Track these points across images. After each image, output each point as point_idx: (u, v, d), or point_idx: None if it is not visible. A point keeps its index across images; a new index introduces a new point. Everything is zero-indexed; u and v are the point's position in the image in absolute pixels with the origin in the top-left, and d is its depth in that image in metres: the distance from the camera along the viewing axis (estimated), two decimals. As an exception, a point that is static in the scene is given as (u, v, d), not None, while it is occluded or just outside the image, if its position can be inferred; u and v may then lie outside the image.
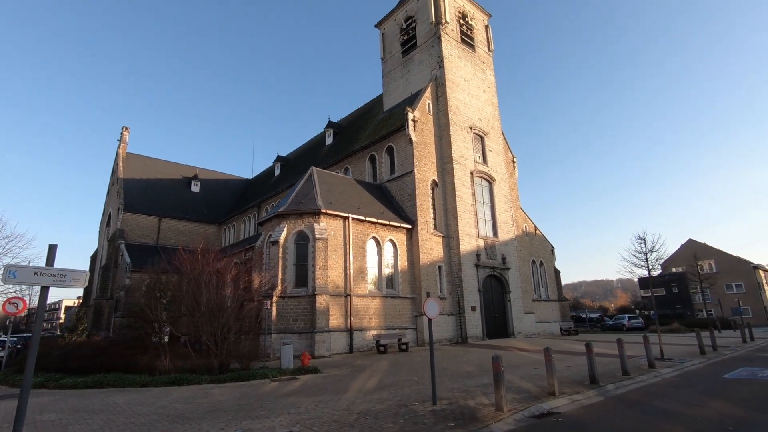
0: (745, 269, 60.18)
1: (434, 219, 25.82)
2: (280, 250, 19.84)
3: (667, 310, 62.53)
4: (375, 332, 21.04)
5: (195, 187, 49.79)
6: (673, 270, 66.86)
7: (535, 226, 34.63)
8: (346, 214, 21.15)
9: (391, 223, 23.15)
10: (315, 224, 20.19)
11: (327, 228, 20.41)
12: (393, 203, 25.78)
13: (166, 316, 14.47)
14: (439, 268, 24.78)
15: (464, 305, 24.44)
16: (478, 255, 26.06)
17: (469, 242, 25.85)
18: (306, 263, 19.98)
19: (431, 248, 24.52)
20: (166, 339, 16.42)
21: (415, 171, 25.12)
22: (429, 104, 27.63)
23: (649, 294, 67.22)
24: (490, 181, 29.18)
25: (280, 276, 19.50)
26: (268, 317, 18.75)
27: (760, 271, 61.69)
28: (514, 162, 33.77)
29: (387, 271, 22.89)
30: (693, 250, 63.96)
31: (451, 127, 27.20)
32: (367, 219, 22.05)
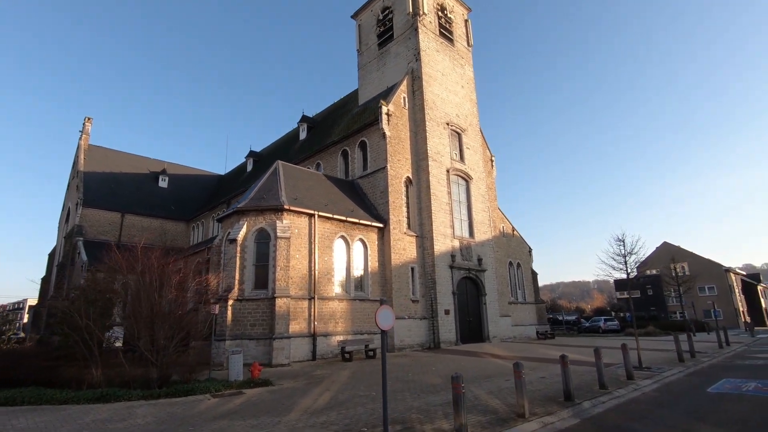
0: (718, 272, 61.03)
1: (408, 218, 24.63)
2: (238, 248, 18.31)
3: (642, 312, 62.94)
4: (341, 337, 19.71)
5: (163, 183, 47.50)
6: (648, 272, 67.50)
7: (513, 227, 33.84)
8: (311, 211, 19.76)
9: (362, 221, 21.85)
10: (277, 221, 18.74)
11: (290, 226, 18.98)
12: (365, 201, 24.49)
13: (98, 322, 12.88)
14: (412, 269, 23.60)
15: (437, 308, 23.32)
16: (453, 256, 24.99)
17: (443, 242, 24.75)
18: (267, 263, 18.51)
19: (404, 248, 23.32)
20: (118, 345, 14.77)
21: (388, 167, 23.88)
22: (404, 98, 26.43)
23: (626, 296, 67.75)
24: (466, 179, 28.17)
25: (237, 277, 17.98)
26: (222, 322, 17.25)
27: (732, 274, 62.70)
28: (492, 161, 32.89)
29: (356, 272, 21.59)
30: (667, 253, 64.64)
31: (427, 123, 26.06)
32: (335, 217, 20.70)
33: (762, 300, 68.17)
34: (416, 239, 24.25)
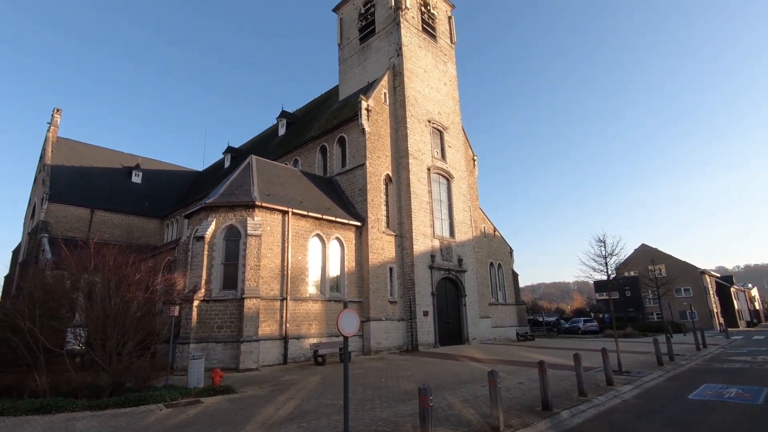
0: (693, 274, 62.11)
1: (387, 217, 23.96)
2: (206, 246, 17.35)
3: (620, 313, 63.66)
4: (315, 340, 18.93)
5: (136, 178, 45.76)
6: (626, 274, 68.37)
7: (494, 227, 33.51)
8: (285, 208, 18.91)
9: (338, 219, 21.09)
10: (248, 218, 17.84)
11: (262, 223, 18.11)
12: (342, 198, 23.73)
13: (45, 324, 11.84)
14: (390, 269, 22.94)
15: (416, 310, 22.71)
16: (432, 256, 24.43)
17: (423, 242, 24.16)
18: (236, 263, 17.59)
19: (382, 248, 22.64)
20: (74, 348, 13.68)
21: (367, 164, 23.17)
22: (385, 93, 25.76)
23: (605, 297, 68.45)
24: (448, 178, 27.65)
25: (204, 277, 17.03)
26: (186, 324, 16.29)
27: (707, 276, 63.91)
28: (474, 160, 32.49)
29: (332, 272, 20.81)
30: (646, 255, 65.52)
31: (408, 119, 25.44)
32: (311, 214, 19.89)
33: (735, 302, 69.72)
34: (395, 239, 23.60)
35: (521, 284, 35.45)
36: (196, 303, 16.49)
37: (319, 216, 20.24)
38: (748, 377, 13.19)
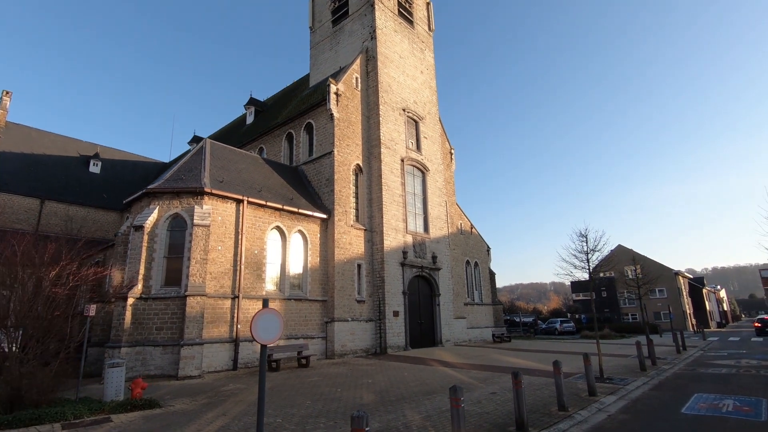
0: (668, 275, 62.42)
1: (356, 209, 22.30)
2: (145, 237, 15.34)
3: (597, 314, 63.72)
4: (273, 342, 17.08)
5: (95, 168, 42.74)
6: (603, 274, 68.49)
7: (471, 224, 32.22)
8: (240, 197, 17.04)
9: (301, 210, 19.31)
10: (196, 206, 15.90)
11: (212, 212, 16.20)
12: (308, 189, 21.95)
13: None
14: (359, 266, 21.28)
15: (385, 310, 21.11)
16: (404, 252, 22.87)
17: (395, 237, 22.59)
18: (181, 256, 15.66)
19: (350, 243, 20.96)
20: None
21: (335, 152, 21.45)
22: (357, 78, 24.07)
23: (582, 298, 68.36)
24: (423, 170, 26.16)
25: (142, 271, 15.01)
26: (119, 325, 14.28)
27: (680, 277, 64.45)
28: (451, 153, 31.12)
29: (293, 268, 19.02)
30: (622, 256, 65.66)
31: (380, 106, 23.82)
32: (269, 204, 18.06)
33: (707, 303, 70.65)
34: (364, 233, 21.95)
35: (499, 285, 34.30)
36: (131, 301, 14.47)
37: (280, 206, 18.43)
38: (740, 386, 12.05)
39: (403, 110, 25.56)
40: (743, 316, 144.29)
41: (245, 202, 17.18)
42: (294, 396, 10.91)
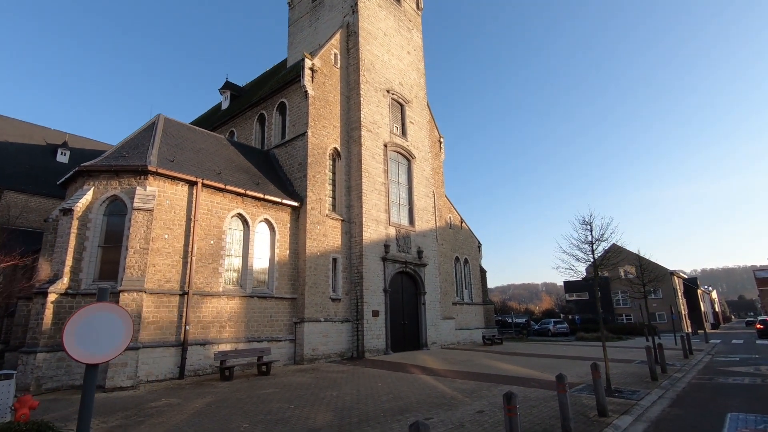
0: (663, 275, 60.97)
1: (333, 198, 20.12)
2: (74, 222, 13.03)
3: (589, 314, 62.06)
4: (229, 346, 14.89)
5: (63, 157, 40.00)
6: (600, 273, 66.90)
7: (461, 218, 30.16)
8: (193, 178, 14.78)
9: (268, 197, 17.08)
10: (138, 188, 13.62)
11: (158, 195, 13.93)
12: (279, 174, 19.73)
13: None
14: (334, 260, 19.10)
15: (364, 309, 18.95)
16: (386, 246, 20.72)
17: (376, 229, 20.43)
18: (121, 245, 13.37)
19: (324, 234, 18.78)
20: None
21: (309, 133, 19.25)
22: (336, 54, 21.88)
23: (574, 298, 66.65)
24: (408, 158, 24.03)
25: (68, 263, 12.70)
26: (36, 326, 11.96)
27: (675, 278, 63.05)
28: (440, 142, 29.04)
29: (257, 261, 16.80)
30: (616, 255, 64.12)
31: (362, 86, 21.66)
32: (230, 188, 15.83)
33: (701, 303, 69.40)
34: (342, 224, 19.77)
35: (490, 285, 32.33)
36: (52, 297, 12.16)
37: (242, 191, 16.20)
38: (775, 400, 10.07)
39: (387, 91, 23.41)
40: (733, 317, 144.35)
41: (199, 185, 14.92)
42: (231, 416, 8.71)
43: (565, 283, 70.09)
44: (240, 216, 16.39)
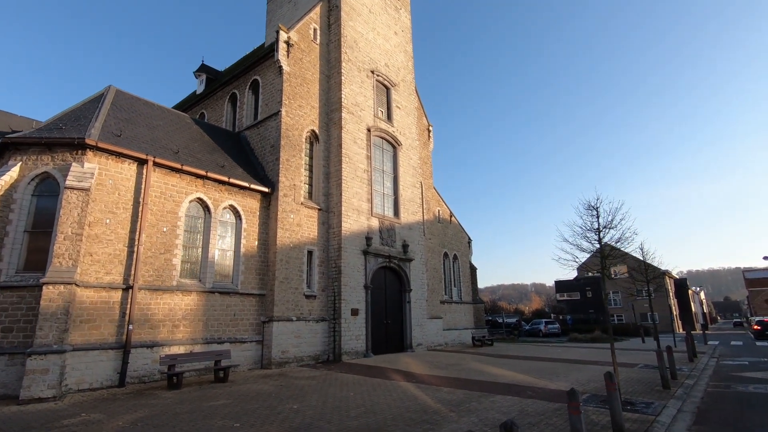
0: (657, 275, 60.03)
1: (309, 185, 18.31)
2: (-7, 202, 11.06)
3: (581, 315, 60.94)
4: (184, 348, 13.01)
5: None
6: (588, 274, 65.90)
7: (451, 212, 28.52)
8: (143, 156, 12.86)
9: (234, 180, 15.21)
10: (74, 164, 11.69)
11: (99, 173, 12.02)
12: (250, 158, 17.87)
13: None
14: (309, 253, 17.29)
15: (342, 307, 17.17)
16: (368, 238, 18.96)
17: (356, 220, 18.66)
18: (52, 230, 11.42)
19: (299, 224, 16.96)
20: None
21: (283, 112, 17.41)
22: (315, 30, 20.06)
23: (565, 298, 65.45)
24: (394, 144, 22.29)
25: (-16, 249, 10.74)
26: (-62, 325, 9.96)
27: (668, 278, 62.22)
28: (429, 130, 27.35)
29: (221, 253, 14.92)
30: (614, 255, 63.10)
31: (343, 64, 19.87)
32: (187, 169, 13.93)
33: (692, 304, 68.78)
34: (319, 213, 17.97)
35: (480, 285, 30.66)
36: (-40, 291, 10.18)
37: (203, 173, 14.30)
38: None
39: (372, 72, 21.65)
40: (719, 318, 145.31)
41: (150, 164, 13.01)
42: (155, 440, 6.88)
43: (556, 282, 69.02)
44: (200, 201, 14.50)
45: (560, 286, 66.87)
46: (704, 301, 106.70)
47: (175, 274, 13.28)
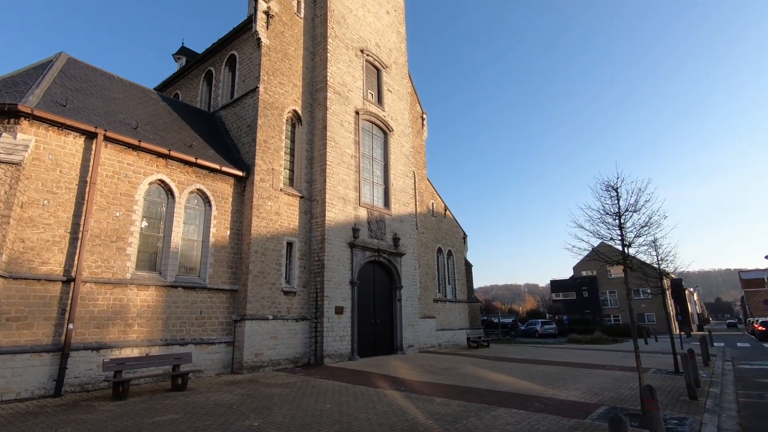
0: (652, 274, 58.96)
1: (291, 170, 16.64)
2: None
3: (577, 315, 59.71)
4: (139, 350, 11.30)
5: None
6: (584, 273, 64.76)
7: (445, 206, 26.95)
8: (91, 128, 11.12)
9: (202, 161, 13.50)
10: (4, 134, 9.93)
11: (37, 146, 10.28)
12: (224, 140, 16.16)
13: None
14: (289, 244, 15.62)
15: (324, 305, 15.51)
16: (355, 230, 17.33)
17: (342, 209, 17.02)
18: (-23, 212, 9.65)
19: (277, 212, 15.28)
20: None
21: (261, 88, 15.72)
22: (299, 1, 18.38)
23: (561, 297, 64.17)
24: (385, 130, 20.67)
25: None
26: None
27: (665, 277, 61.14)
28: (423, 118, 25.76)
29: (186, 243, 13.21)
30: (606, 252, 61.98)
31: (329, 40, 18.22)
32: (146, 146, 12.20)
33: (689, 305, 67.87)
34: (300, 201, 16.31)
35: (474, 285, 29.05)
36: None
37: (165, 152, 12.58)
38: None
39: (361, 51, 20.01)
40: (711, 319, 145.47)
41: (101, 138, 11.27)
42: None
43: (551, 282, 67.79)
44: (162, 183, 12.77)
45: (556, 285, 65.66)
46: (698, 302, 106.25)
47: (129, 265, 11.55)
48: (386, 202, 19.79)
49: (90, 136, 11.22)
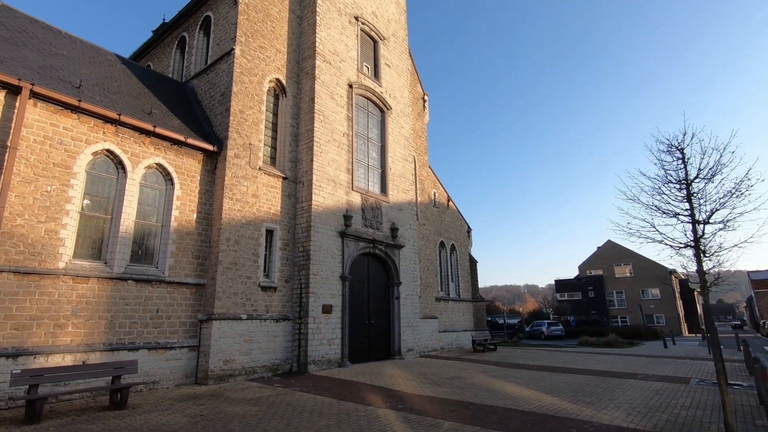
0: (662, 274, 56.81)
1: (273, 147, 14.46)
2: None
3: (582, 316, 57.55)
4: (73, 357, 9.10)
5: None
6: (589, 273, 62.54)
7: (448, 196, 24.76)
8: (14, 81, 8.92)
9: (161, 131, 11.30)
10: None
11: (-65, 97, 8.06)
12: (195, 112, 13.97)
13: None
14: (269, 232, 13.43)
15: (309, 302, 13.31)
16: (347, 217, 15.13)
17: (332, 193, 14.82)
18: None
19: (255, 194, 13.09)
20: None
21: (237, 51, 13.52)
22: (285, -42, 16.19)
23: (566, 297, 61.92)
24: (382, 108, 18.49)
25: None
26: None
27: (674, 277, 59.02)
28: (424, 100, 23.57)
29: (141, 227, 11.01)
30: (612, 252, 59.85)
31: (319, 2, 16.04)
32: (87, 107, 9.99)
33: (698, 306, 65.66)
34: (283, 183, 14.12)
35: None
36: None
37: (114, 116, 10.37)
38: None
39: (356, 18, 17.84)
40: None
41: (27, 93, 9.07)
42: None
43: (556, 282, 65.65)
44: (111, 154, 10.57)
45: (561, 285, 63.50)
46: (700, 302, 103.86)
47: (63, 251, 9.35)
48: (383, 188, 17.60)
49: (13, 91, 9.02)
